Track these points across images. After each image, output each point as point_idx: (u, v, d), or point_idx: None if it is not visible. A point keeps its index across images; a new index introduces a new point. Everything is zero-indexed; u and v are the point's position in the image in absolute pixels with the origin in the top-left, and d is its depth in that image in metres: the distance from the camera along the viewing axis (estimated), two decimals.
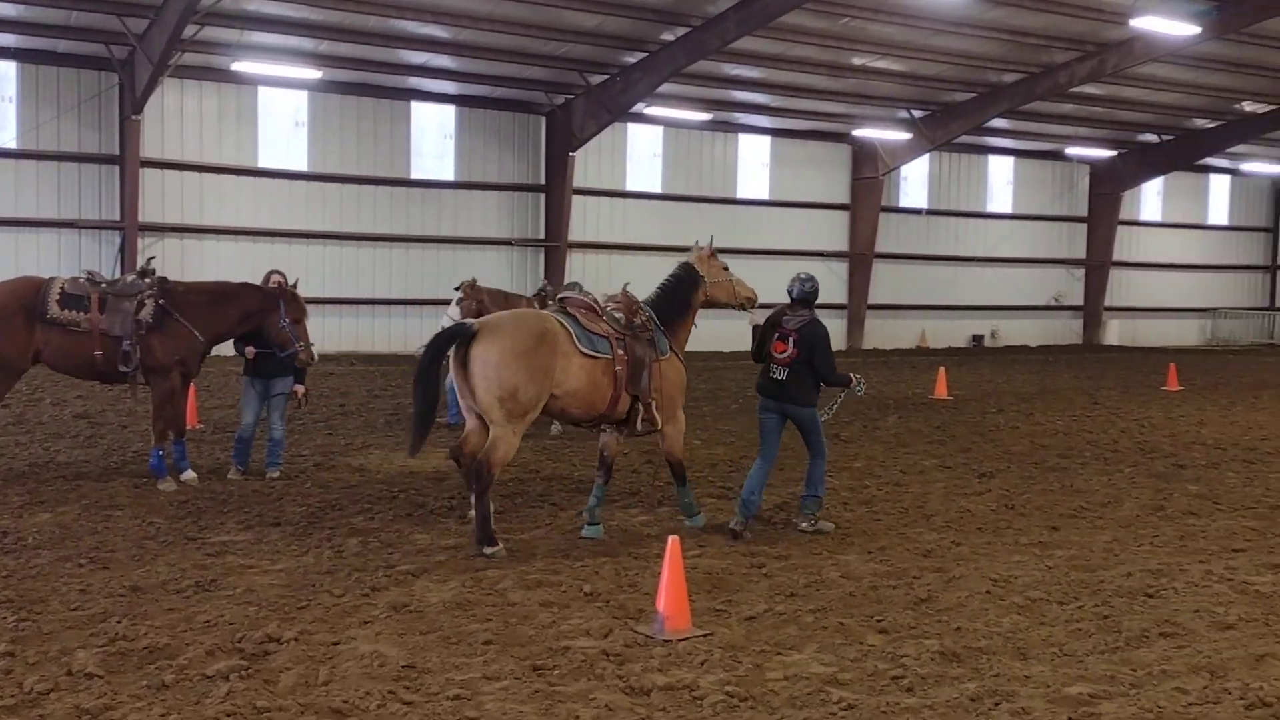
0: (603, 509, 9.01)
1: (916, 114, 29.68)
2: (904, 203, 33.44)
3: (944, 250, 34.02)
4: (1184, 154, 34.45)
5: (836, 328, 32.06)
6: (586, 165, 28.14)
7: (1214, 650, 6.30)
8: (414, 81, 25.67)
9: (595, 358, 8.33)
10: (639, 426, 8.59)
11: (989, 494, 10.84)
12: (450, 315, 13.83)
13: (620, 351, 8.44)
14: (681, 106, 27.67)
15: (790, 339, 8.74)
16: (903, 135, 30.03)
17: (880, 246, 32.23)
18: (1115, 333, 36.55)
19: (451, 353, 8.07)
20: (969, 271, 34.60)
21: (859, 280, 31.83)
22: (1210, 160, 37.25)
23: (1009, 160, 35.21)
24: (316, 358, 10.76)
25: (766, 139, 30.97)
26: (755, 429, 10.04)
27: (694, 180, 30.04)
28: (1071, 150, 34.61)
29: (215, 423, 14.47)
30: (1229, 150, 35.44)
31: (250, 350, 10.67)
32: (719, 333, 30.51)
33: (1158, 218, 38.48)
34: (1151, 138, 34.31)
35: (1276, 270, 40.87)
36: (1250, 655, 6.22)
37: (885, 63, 26.06)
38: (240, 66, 23.18)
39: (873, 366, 25.92)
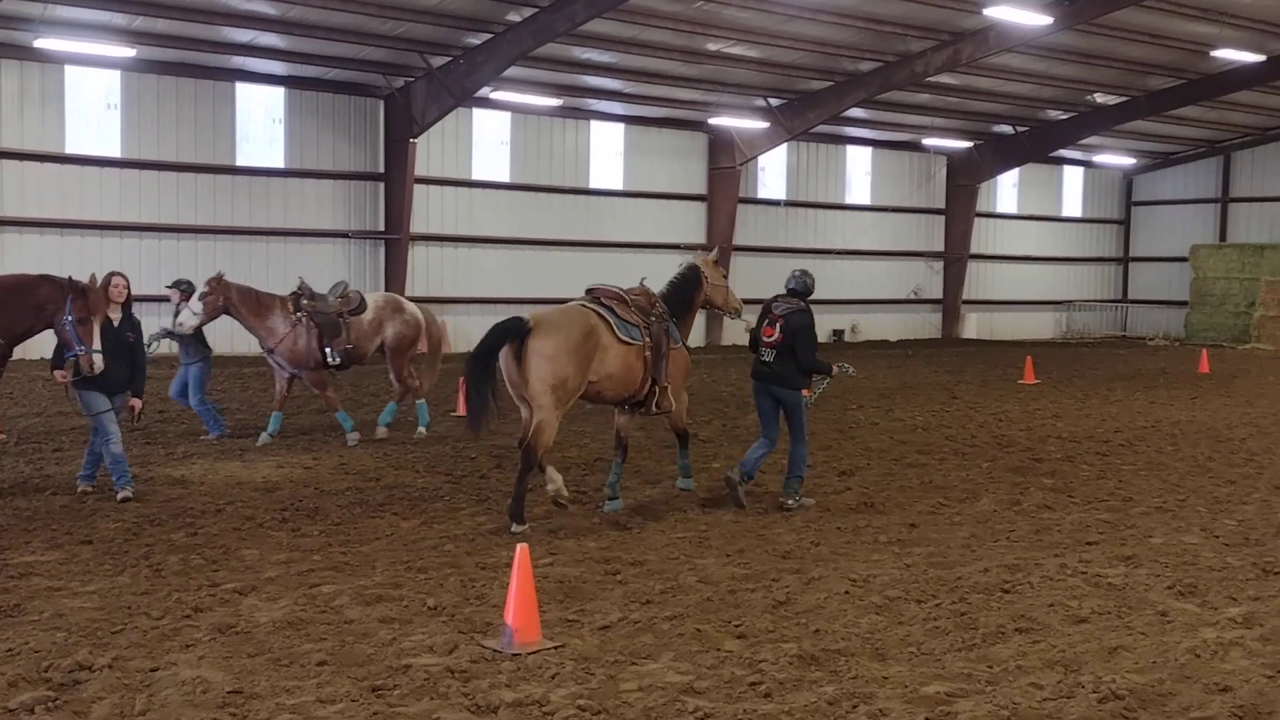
0: (621, 484, 10.33)
1: (773, 102, 30.25)
2: (762, 193, 34.02)
3: (803, 243, 34.72)
4: (1038, 146, 35.96)
5: (695, 323, 32.33)
6: (429, 153, 27.81)
7: (1068, 644, 6.59)
8: (239, 61, 24.95)
9: (630, 344, 9.74)
10: (653, 408, 10.01)
11: (849, 492, 11.13)
12: (192, 310, 12.99)
13: (647, 338, 9.87)
14: (530, 91, 27.59)
15: (777, 324, 10.04)
16: (760, 124, 30.57)
17: (738, 239, 32.73)
18: (973, 326, 37.93)
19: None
20: (828, 264, 35.35)
21: None
22: (1064, 152, 38.97)
23: (867, 151, 36.16)
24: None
25: (620, 127, 31.13)
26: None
27: (544, 169, 29.98)
28: (929, 141, 35.76)
29: (20, 432, 13.81)
30: (1081, 142, 37.15)
31: (61, 375, 10.14)
32: None
33: (1013, 210, 40.07)
34: (1006, 129, 35.72)
35: (1128, 263, 43.01)
36: (1103, 648, 6.53)
37: (740, 49, 26.47)
38: (45, 43, 22.14)
39: (732, 364, 26.29)
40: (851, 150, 35.86)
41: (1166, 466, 12.90)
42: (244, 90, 25.78)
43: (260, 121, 26.15)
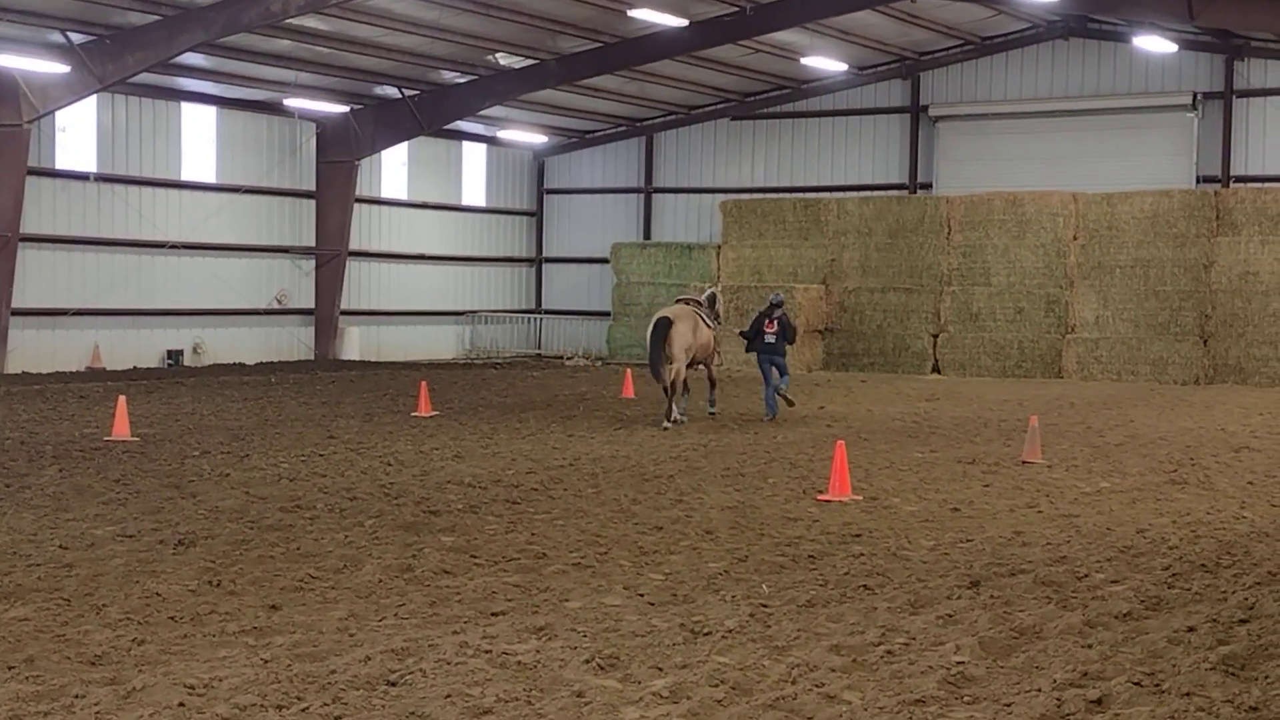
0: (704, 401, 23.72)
1: (76, 39, 29.07)
2: (62, 164, 32.69)
3: (124, 232, 33.72)
4: (431, 115, 37.46)
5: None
6: None
7: None
8: None
9: (709, 328, 22.76)
10: (709, 365, 23.56)
11: (188, 569, 10.93)
12: None
13: (711, 325, 23.10)
14: None
15: (776, 322, 23.08)
16: (58, 67, 29.21)
17: (28, 226, 31.13)
18: (355, 343, 38.69)
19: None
20: (161, 263, 34.58)
21: None
22: (463, 125, 40.95)
23: (211, 111, 35.81)
24: None
25: None
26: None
27: None
28: (293, 103, 36.04)
29: None
30: (484, 114, 39.23)
31: None
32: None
33: (403, 195, 41.44)
34: (392, 92, 36.88)
35: (542, 264, 45.97)
36: None
37: None
38: None
39: (22, 399, 24.85)
40: (190, 109, 35.39)
41: (586, 513, 13.90)
42: None
43: None
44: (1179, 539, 12.82)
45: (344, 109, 37.10)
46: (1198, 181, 36.18)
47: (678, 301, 23.94)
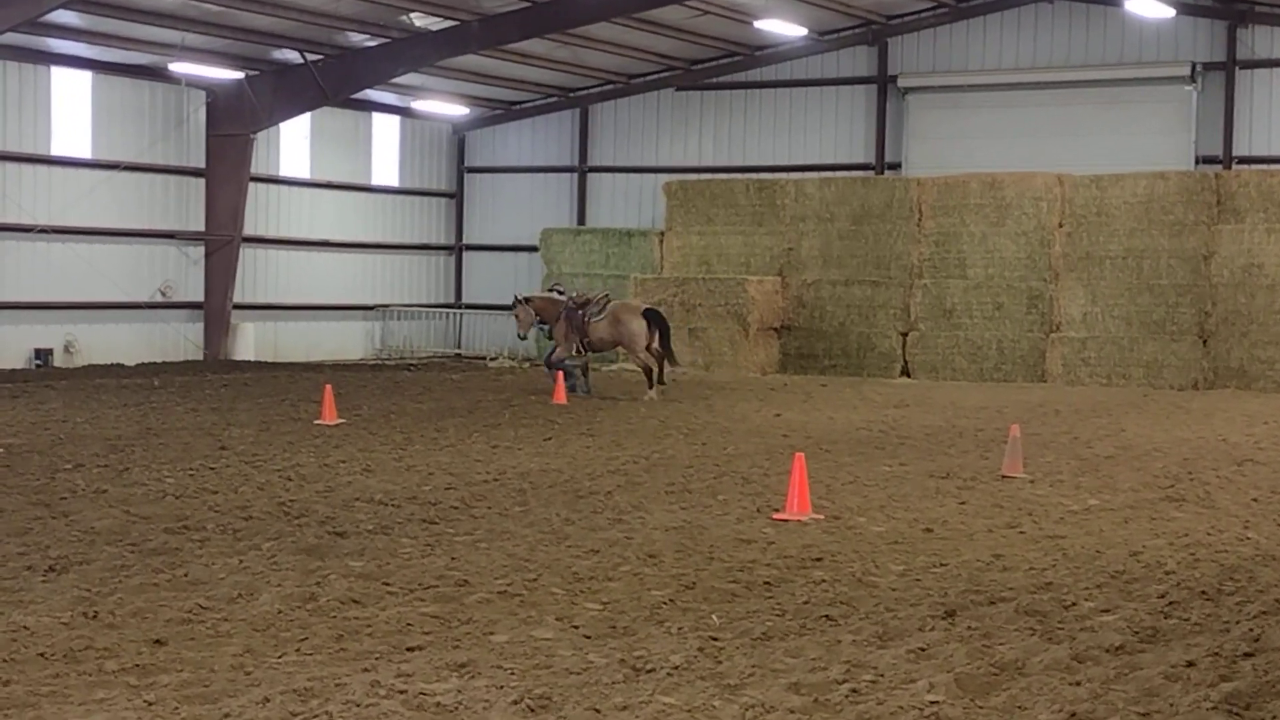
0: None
1: None
2: None
3: None
4: (337, 83, 37.24)
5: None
6: None
7: None
8: None
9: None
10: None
11: (60, 598, 10.84)
12: None
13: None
14: None
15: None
16: None
17: None
18: (251, 341, 38.43)
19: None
20: (28, 249, 34.27)
21: None
22: (373, 94, 40.76)
23: (85, 76, 35.54)
24: None
25: None
26: None
27: None
28: (180, 68, 35.78)
29: None
30: (397, 81, 39.04)
31: None
32: None
33: (305, 174, 41.22)
34: (293, 56, 36.65)
35: (462, 252, 45.82)
36: None
37: None
38: None
39: None
40: (61, 74, 35.13)
41: (513, 535, 13.87)
42: None
43: None
44: (1176, 563, 12.95)
45: (238, 75, 36.84)
46: (1197, 163, 36.39)
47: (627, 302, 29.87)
